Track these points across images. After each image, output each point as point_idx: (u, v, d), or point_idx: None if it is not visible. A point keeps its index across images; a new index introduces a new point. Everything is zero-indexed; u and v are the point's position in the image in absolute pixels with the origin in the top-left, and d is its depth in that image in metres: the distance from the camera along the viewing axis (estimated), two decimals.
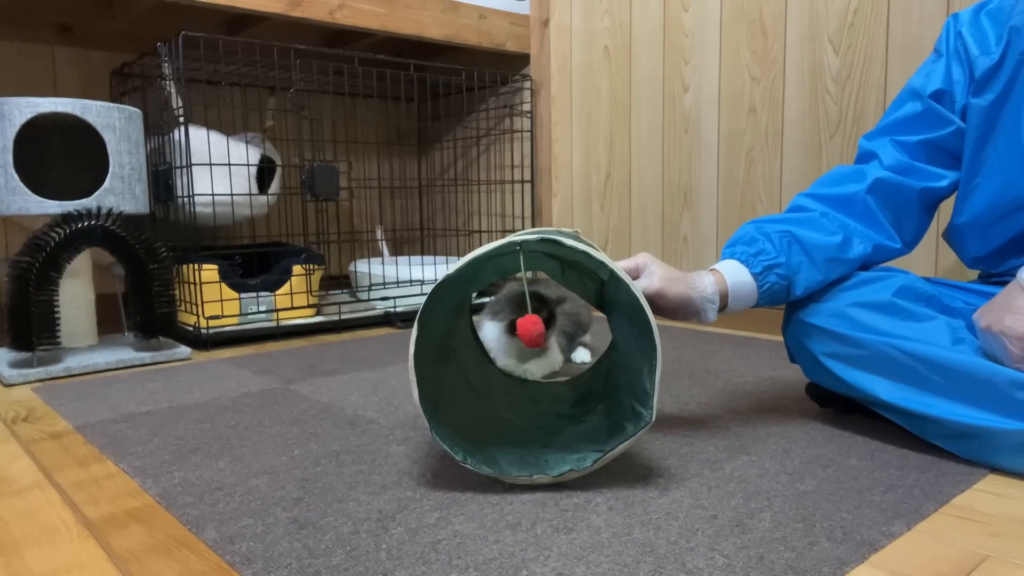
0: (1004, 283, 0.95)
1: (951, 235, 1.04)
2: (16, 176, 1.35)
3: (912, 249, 1.03)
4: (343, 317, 1.83)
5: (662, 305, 0.92)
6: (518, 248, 0.81)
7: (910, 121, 1.01)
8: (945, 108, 0.98)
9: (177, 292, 1.68)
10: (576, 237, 0.88)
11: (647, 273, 0.93)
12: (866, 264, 0.99)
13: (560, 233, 0.85)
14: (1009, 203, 0.94)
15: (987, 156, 0.95)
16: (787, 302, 0.98)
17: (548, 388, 1.09)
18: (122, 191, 1.45)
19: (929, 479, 0.81)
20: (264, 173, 1.86)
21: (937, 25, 1.37)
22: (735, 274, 0.94)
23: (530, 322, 0.86)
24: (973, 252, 1.02)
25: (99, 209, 1.38)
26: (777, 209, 1.65)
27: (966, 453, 0.85)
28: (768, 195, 1.66)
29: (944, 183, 0.99)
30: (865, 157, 1.04)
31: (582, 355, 1.39)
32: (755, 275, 0.94)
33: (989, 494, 0.77)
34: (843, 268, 0.97)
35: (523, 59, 2.18)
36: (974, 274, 1.16)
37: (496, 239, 2.37)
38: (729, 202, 1.74)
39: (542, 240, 0.77)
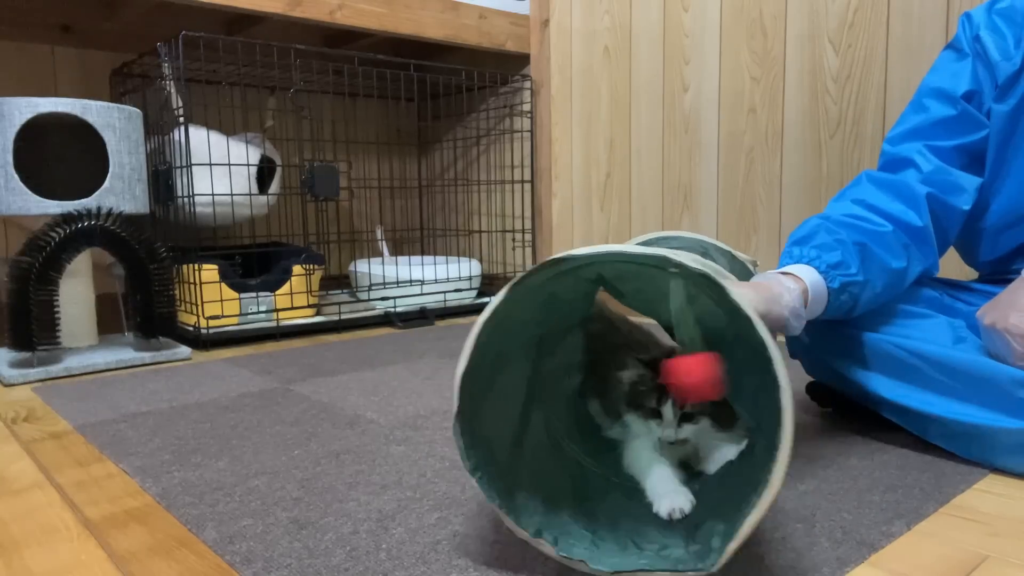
0: (1007, 280, 0.95)
1: (960, 238, 1.02)
2: (16, 176, 1.35)
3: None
4: (343, 317, 1.83)
5: None
6: (675, 271, 0.60)
7: (943, 125, 0.95)
8: (975, 110, 0.95)
9: (177, 292, 1.68)
10: (747, 270, 0.66)
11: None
12: None
13: (729, 257, 0.65)
14: (1022, 209, 0.94)
15: (1006, 162, 0.94)
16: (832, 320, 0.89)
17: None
18: (122, 191, 1.45)
19: (929, 479, 0.81)
20: (264, 173, 1.85)
21: (937, 25, 1.37)
22: (815, 286, 0.81)
23: (699, 362, 0.58)
24: (983, 256, 1.01)
25: (99, 209, 1.38)
26: (777, 210, 1.65)
27: (966, 453, 0.85)
28: (768, 195, 1.66)
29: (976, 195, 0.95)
30: (896, 164, 0.96)
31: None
32: (831, 291, 0.82)
33: (989, 494, 0.77)
34: (894, 294, 0.91)
35: (523, 59, 2.18)
36: (974, 273, 1.16)
37: (496, 239, 2.38)
38: (729, 202, 1.74)
39: (703, 276, 0.58)
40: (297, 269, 1.78)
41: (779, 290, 0.77)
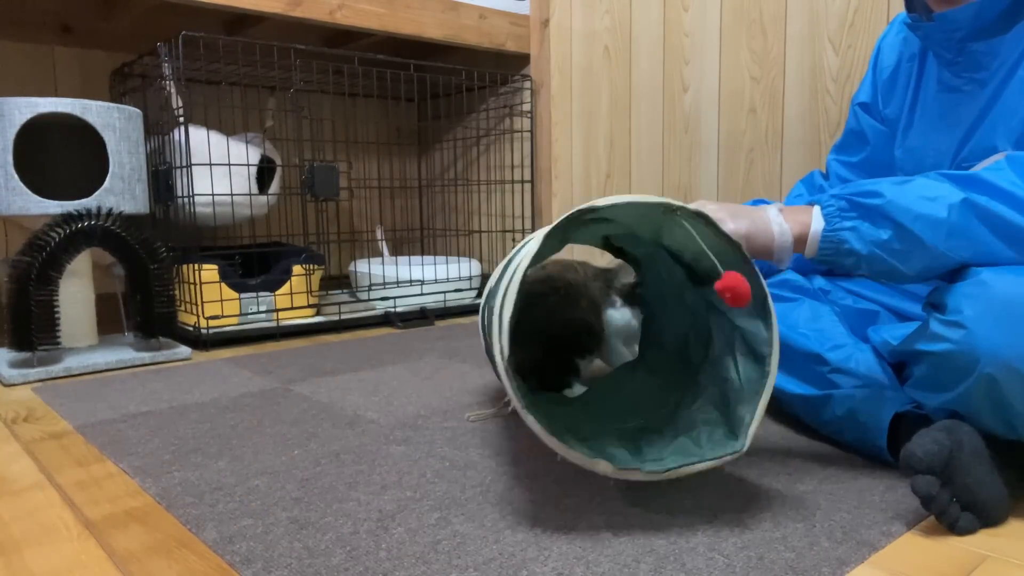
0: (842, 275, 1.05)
1: None
2: (16, 176, 1.35)
3: None
4: (343, 317, 1.83)
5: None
6: (676, 212, 0.72)
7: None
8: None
9: (177, 292, 1.68)
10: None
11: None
12: None
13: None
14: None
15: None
16: None
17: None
18: (122, 191, 1.45)
19: None
20: (264, 173, 1.85)
21: None
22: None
23: (743, 278, 0.70)
24: None
25: (99, 209, 1.38)
26: None
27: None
28: (768, 195, 1.66)
29: None
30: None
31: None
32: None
33: None
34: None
35: (523, 59, 2.18)
36: None
37: (496, 239, 2.38)
38: (729, 202, 1.74)
39: (698, 214, 0.70)
40: (297, 269, 1.78)
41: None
